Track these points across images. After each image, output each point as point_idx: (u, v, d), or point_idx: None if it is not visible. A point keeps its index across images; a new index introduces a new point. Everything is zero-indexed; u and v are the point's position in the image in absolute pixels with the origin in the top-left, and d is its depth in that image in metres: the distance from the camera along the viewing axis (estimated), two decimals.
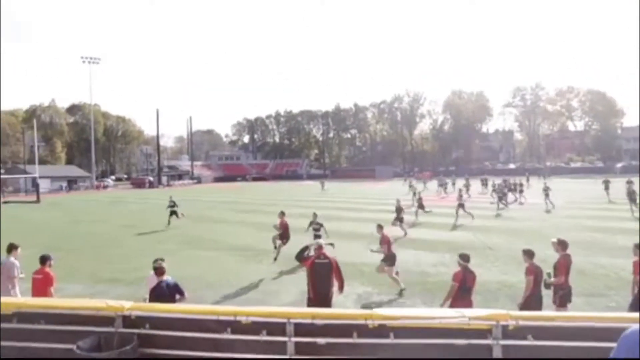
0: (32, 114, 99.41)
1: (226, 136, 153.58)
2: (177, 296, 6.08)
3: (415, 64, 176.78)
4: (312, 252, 7.34)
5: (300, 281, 8.83)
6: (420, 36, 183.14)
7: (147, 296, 6.00)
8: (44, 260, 7.39)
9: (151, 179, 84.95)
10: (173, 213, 22.42)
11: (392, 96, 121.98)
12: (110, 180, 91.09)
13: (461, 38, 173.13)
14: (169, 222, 21.96)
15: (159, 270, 6.32)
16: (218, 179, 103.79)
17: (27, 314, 4.48)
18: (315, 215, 14.94)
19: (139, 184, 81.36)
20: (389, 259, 10.16)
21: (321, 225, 14.45)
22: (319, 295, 6.88)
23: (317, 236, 13.41)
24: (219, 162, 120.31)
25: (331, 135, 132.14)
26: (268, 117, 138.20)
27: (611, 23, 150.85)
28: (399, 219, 18.31)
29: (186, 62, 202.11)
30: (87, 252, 15.88)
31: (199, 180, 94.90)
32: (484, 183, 43.27)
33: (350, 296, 9.77)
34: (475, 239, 16.45)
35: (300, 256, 7.42)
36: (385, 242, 10.09)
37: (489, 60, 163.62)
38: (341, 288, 7.12)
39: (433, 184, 50.21)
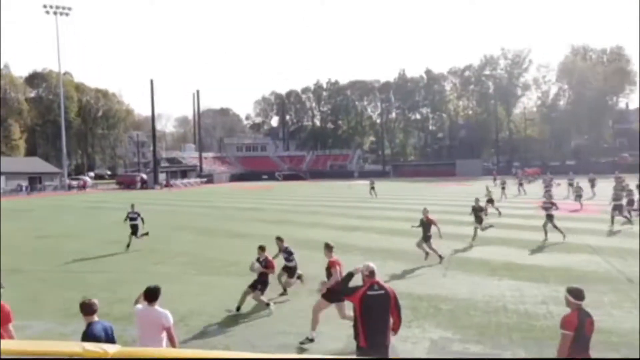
0: None
1: (247, 118, 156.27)
2: None
3: (513, 11, 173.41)
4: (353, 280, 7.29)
5: (350, 322, 8.80)
6: None
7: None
8: None
9: (144, 176, 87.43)
10: (133, 229, 21.79)
11: (481, 58, 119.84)
12: (87, 178, 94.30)
13: None
14: (128, 245, 21.29)
15: (86, 308, 6.78)
16: (236, 177, 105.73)
17: None
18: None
19: (127, 184, 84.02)
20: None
21: None
22: (374, 340, 6.84)
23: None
24: (237, 154, 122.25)
25: (393, 115, 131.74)
26: (305, 90, 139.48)
27: None
28: (479, 221, 20.76)
29: (191, 15, 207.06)
30: (57, 278, 16.44)
31: (209, 178, 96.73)
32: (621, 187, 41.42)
33: (421, 343, 9.72)
34: (609, 267, 15.90)
35: (345, 287, 7.35)
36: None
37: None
38: (397, 328, 7.16)
39: (536, 186, 48.88)
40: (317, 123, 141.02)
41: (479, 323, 10.73)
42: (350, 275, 7.31)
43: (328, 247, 11.07)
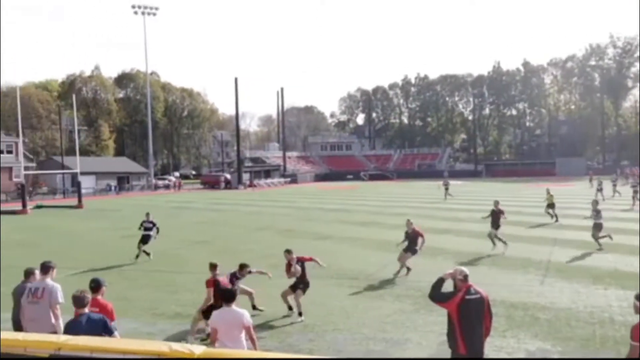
0: (70, 86, 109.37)
1: (332, 116, 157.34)
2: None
3: None
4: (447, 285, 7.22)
5: (441, 326, 8.65)
6: None
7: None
8: (97, 286, 7.93)
9: (228, 176, 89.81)
10: (144, 239, 20.49)
11: (586, 48, 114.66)
12: (173, 178, 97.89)
13: None
14: (137, 256, 20.00)
15: (78, 301, 6.91)
16: (320, 177, 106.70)
17: (67, 358, 4.90)
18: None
19: (211, 184, 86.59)
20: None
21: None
22: (473, 348, 6.82)
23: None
24: (322, 153, 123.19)
25: (487, 111, 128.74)
26: (392, 86, 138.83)
27: None
28: (495, 226, 20.17)
29: (275, 12, 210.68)
30: (144, 277, 17.20)
31: (293, 178, 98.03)
32: None
33: (516, 353, 9.53)
34: None
35: (438, 294, 7.24)
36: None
37: None
38: (487, 335, 7.19)
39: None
40: (405, 120, 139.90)
41: (582, 335, 10.35)
42: (440, 281, 7.22)
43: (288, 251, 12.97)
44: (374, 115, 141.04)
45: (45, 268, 8.76)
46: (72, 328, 6.64)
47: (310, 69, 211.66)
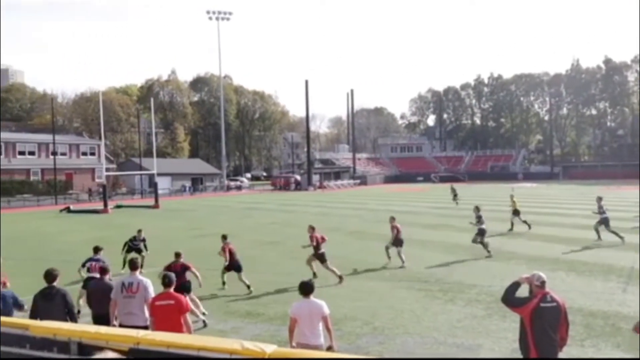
0: (148, 90, 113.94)
1: (402, 117, 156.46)
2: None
3: None
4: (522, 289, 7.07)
5: (515, 332, 8.45)
6: None
7: None
8: (169, 281, 8.29)
9: (298, 177, 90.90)
10: (131, 251, 18.83)
11: None
12: (245, 179, 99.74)
13: None
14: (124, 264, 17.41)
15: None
16: (390, 179, 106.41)
17: (145, 352, 5.12)
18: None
19: (282, 185, 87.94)
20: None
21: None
22: (545, 356, 6.68)
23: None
24: (392, 155, 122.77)
25: (564, 111, 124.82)
26: (464, 87, 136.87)
27: None
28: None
29: (345, 14, 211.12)
30: (215, 277, 17.61)
31: (363, 180, 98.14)
32: None
33: None
34: None
35: (512, 298, 7.09)
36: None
37: None
38: (563, 345, 6.99)
39: None
40: (477, 121, 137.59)
41: None
42: (516, 285, 7.07)
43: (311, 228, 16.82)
44: (445, 116, 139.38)
45: (134, 265, 9.46)
46: None
47: (380, 70, 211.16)
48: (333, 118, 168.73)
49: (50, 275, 8.78)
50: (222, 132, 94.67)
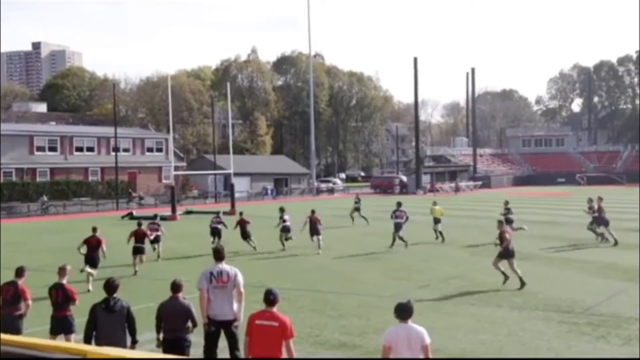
0: (224, 73, 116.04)
1: (537, 102, 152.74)
2: None
3: None
4: None
5: None
6: None
7: None
8: (274, 298, 8.51)
9: (404, 178, 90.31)
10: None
11: None
12: (338, 181, 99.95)
13: None
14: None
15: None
16: (521, 180, 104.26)
17: None
18: None
19: (384, 187, 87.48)
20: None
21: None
22: None
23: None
24: (524, 150, 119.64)
25: None
26: (622, 61, 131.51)
27: None
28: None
29: None
30: (303, 298, 17.67)
31: (485, 181, 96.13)
32: None
33: None
34: None
35: None
36: None
37: None
38: None
39: None
40: None
41: None
42: None
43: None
44: (595, 99, 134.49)
45: (219, 254, 10.54)
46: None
47: (509, 42, 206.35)
48: (448, 104, 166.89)
49: (110, 286, 9.23)
50: (312, 123, 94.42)
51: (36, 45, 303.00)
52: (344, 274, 21.24)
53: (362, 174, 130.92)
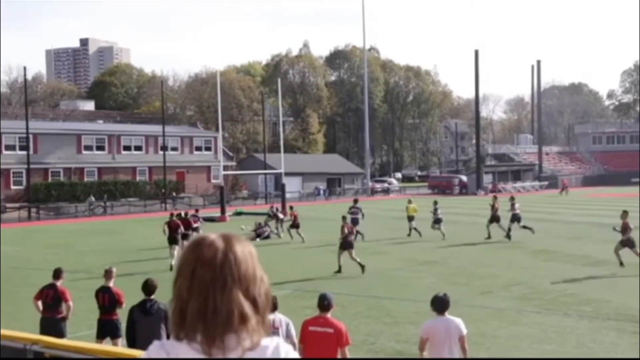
0: (274, 69, 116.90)
1: (610, 96, 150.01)
2: None
3: None
4: None
5: None
6: None
7: None
8: (328, 304, 8.53)
9: (464, 178, 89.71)
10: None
11: None
12: (394, 180, 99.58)
13: None
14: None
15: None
16: (591, 181, 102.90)
17: None
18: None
19: (442, 188, 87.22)
20: None
21: None
22: None
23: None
24: (594, 148, 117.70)
25: None
26: None
27: None
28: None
29: None
30: (358, 303, 17.64)
31: (552, 181, 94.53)
32: None
33: None
34: None
35: None
36: None
37: None
38: None
39: None
40: None
41: None
42: None
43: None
44: None
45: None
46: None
47: (578, 32, 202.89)
48: (511, 100, 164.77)
49: (149, 287, 9.27)
50: (366, 120, 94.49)
51: (84, 42, 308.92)
52: (399, 279, 21.13)
53: (419, 173, 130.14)
